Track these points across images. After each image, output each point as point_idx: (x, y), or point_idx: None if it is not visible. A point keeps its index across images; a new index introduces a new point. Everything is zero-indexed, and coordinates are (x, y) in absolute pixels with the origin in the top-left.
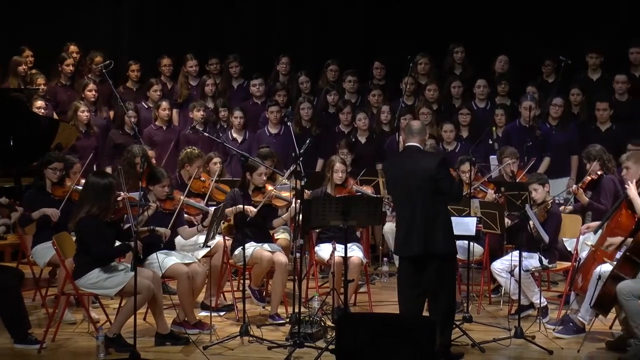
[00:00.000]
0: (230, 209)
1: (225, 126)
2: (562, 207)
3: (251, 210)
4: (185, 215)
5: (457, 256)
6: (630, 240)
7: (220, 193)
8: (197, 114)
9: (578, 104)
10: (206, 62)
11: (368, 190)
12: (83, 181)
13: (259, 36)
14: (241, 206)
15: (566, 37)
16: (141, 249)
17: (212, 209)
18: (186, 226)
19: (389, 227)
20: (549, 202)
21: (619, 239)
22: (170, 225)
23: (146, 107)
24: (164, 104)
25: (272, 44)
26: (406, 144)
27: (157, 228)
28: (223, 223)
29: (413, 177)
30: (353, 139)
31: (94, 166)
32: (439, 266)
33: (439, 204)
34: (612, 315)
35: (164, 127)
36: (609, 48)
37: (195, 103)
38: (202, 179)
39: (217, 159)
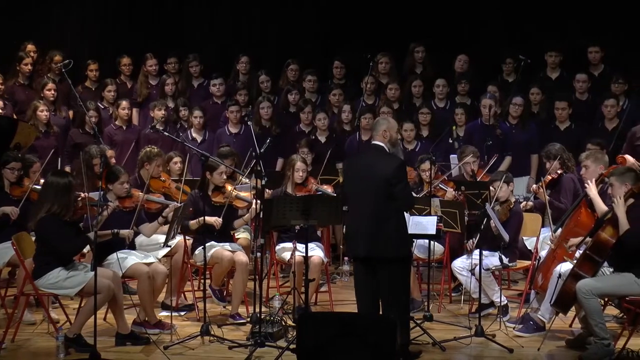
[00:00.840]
0: (194, 221)
1: (186, 126)
2: (522, 204)
3: (218, 223)
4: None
5: (418, 255)
6: (590, 238)
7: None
8: (158, 113)
9: (537, 103)
10: (166, 61)
11: (328, 189)
12: (42, 181)
13: (219, 35)
14: (207, 218)
15: (526, 36)
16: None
17: (173, 203)
18: (147, 223)
19: None
20: (512, 201)
21: (579, 240)
22: (132, 224)
23: (102, 107)
24: (124, 103)
25: (232, 43)
26: (371, 142)
27: (120, 231)
28: None
29: (370, 177)
30: (313, 137)
31: (59, 165)
32: (389, 270)
33: (392, 207)
34: (571, 313)
35: (124, 127)
36: (568, 47)
37: (156, 102)
38: (162, 178)
39: (177, 159)
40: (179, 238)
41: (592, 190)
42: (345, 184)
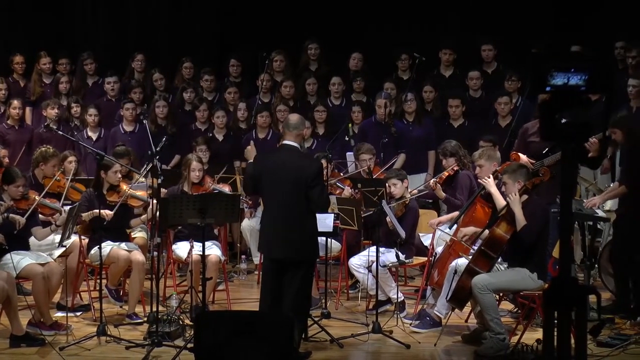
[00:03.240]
0: (87, 213)
1: (79, 124)
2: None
3: (107, 213)
4: (42, 217)
5: None
6: (485, 234)
7: (76, 193)
8: (51, 112)
9: (431, 101)
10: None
11: (225, 188)
12: None
13: (114, 33)
14: (97, 211)
15: (420, 34)
16: (3, 240)
17: (67, 208)
18: (40, 227)
19: (247, 224)
20: (408, 197)
21: (472, 229)
22: (25, 217)
23: None
24: (15, 102)
25: (127, 41)
26: (283, 142)
27: (11, 215)
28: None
29: (288, 178)
30: (210, 135)
31: None
32: (299, 272)
33: (307, 209)
34: (467, 308)
35: (16, 126)
36: (461, 45)
37: (49, 101)
38: (57, 178)
39: (72, 158)
40: (74, 238)
41: (492, 185)
42: (261, 182)
